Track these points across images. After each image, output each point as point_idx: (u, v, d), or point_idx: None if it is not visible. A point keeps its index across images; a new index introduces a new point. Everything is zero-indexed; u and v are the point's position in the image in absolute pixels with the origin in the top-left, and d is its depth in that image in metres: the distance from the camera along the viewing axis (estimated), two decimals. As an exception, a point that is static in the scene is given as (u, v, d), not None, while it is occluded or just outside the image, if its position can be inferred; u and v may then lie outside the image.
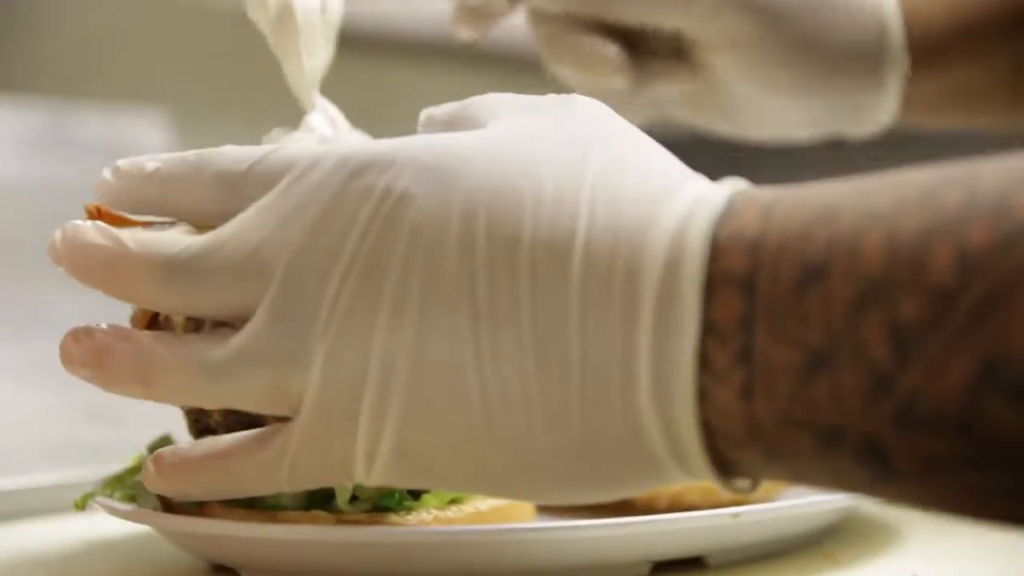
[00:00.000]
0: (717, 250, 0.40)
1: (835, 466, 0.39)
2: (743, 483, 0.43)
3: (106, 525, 0.62)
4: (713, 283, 0.40)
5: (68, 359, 0.49)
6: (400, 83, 1.72)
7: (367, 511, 0.55)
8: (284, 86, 0.60)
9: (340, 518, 0.54)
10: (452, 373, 0.43)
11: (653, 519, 0.54)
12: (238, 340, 0.46)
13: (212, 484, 0.50)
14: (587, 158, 0.44)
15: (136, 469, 0.60)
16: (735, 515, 0.55)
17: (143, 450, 0.60)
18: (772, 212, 0.40)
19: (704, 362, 0.40)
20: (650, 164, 0.44)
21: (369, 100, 1.45)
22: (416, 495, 0.56)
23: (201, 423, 0.57)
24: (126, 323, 0.59)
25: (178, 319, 0.56)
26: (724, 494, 0.63)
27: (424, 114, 0.50)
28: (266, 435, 0.48)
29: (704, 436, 0.41)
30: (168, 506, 0.57)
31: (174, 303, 0.48)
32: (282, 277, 0.45)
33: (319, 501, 0.55)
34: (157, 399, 0.49)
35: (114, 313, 0.63)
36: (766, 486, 0.65)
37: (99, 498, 0.58)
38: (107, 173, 0.50)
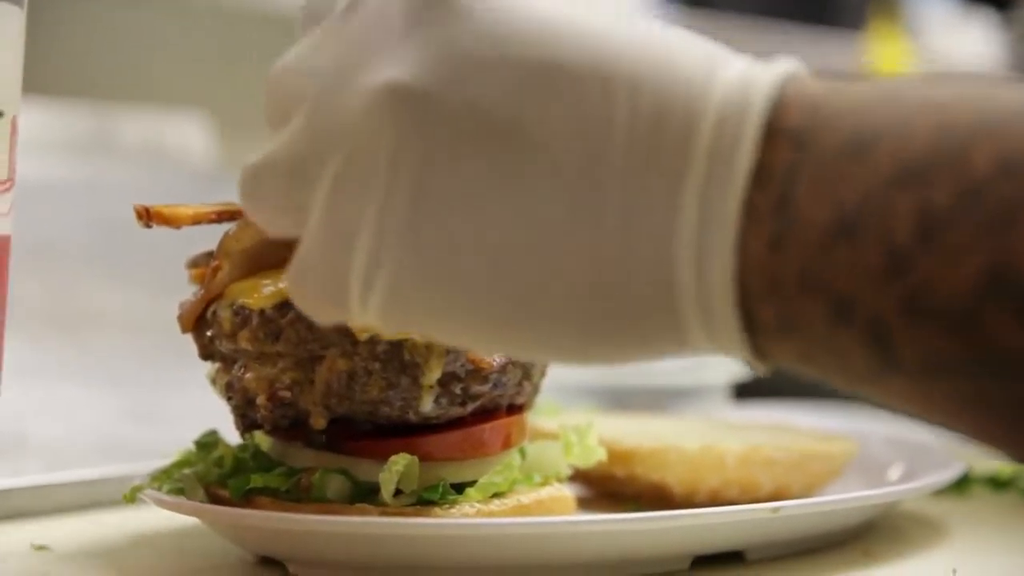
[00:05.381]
0: (781, 104, 0.41)
1: (843, 346, 0.39)
2: (755, 359, 0.42)
3: (154, 518, 0.63)
4: (771, 131, 0.40)
5: None
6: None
7: (411, 504, 0.56)
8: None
9: (384, 511, 0.55)
10: (467, 202, 0.42)
11: (695, 512, 0.55)
12: (270, 147, 0.46)
13: None
14: (625, 19, 0.43)
15: (183, 463, 0.61)
16: (775, 510, 0.55)
17: (190, 445, 0.61)
18: (838, 85, 0.41)
19: (746, 204, 0.40)
20: (685, 35, 0.43)
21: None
22: (459, 489, 0.56)
23: (248, 417, 0.58)
24: (174, 320, 0.60)
25: (225, 314, 0.57)
26: (763, 487, 0.64)
27: None
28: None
29: (732, 282, 0.40)
30: (215, 499, 0.58)
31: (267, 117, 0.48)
32: (315, 94, 0.45)
33: (364, 494, 0.56)
34: None
35: (162, 311, 0.64)
36: (805, 481, 0.66)
37: (148, 491, 0.59)
38: None
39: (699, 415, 0.84)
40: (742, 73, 0.41)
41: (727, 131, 0.40)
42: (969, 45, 2.65)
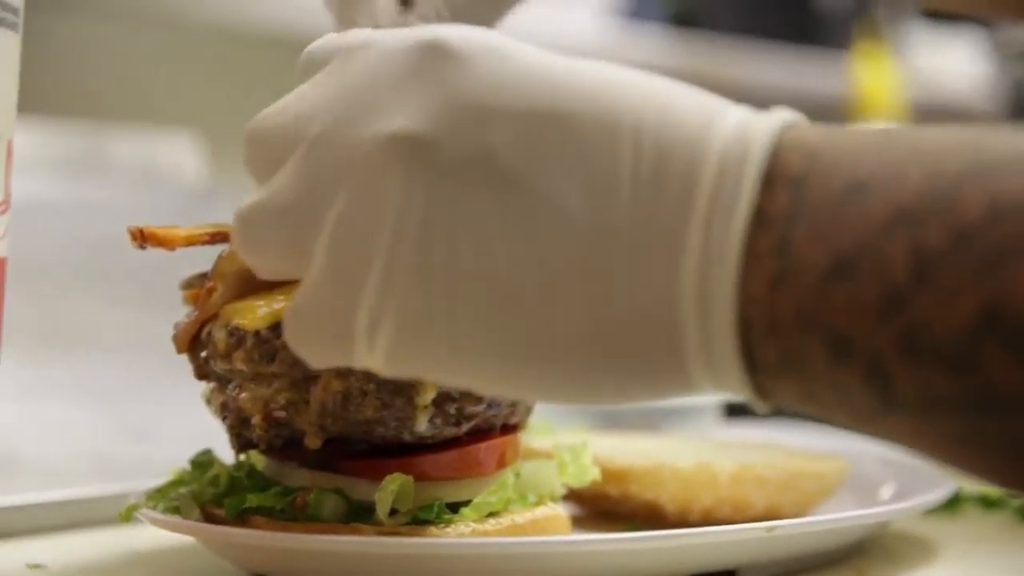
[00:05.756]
0: (780, 150, 0.41)
1: (842, 384, 0.40)
2: (757, 398, 0.43)
3: (149, 536, 0.63)
4: (770, 178, 0.41)
5: None
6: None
7: (406, 523, 0.56)
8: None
9: (379, 530, 0.55)
10: (475, 247, 0.43)
11: (689, 532, 0.55)
12: (263, 190, 0.47)
13: None
14: (621, 69, 0.44)
15: (178, 482, 0.61)
16: (769, 529, 0.56)
17: (185, 464, 0.61)
18: (834, 134, 0.42)
19: (747, 246, 0.41)
20: (681, 86, 0.44)
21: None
22: (455, 508, 0.57)
23: (243, 437, 0.58)
24: (168, 341, 0.60)
25: (220, 335, 0.57)
26: (754, 506, 0.64)
27: None
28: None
29: (734, 321, 0.41)
30: (210, 518, 0.58)
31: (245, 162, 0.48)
32: (313, 139, 0.45)
33: (359, 513, 0.56)
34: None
35: (155, 331, 0.64)
36: (797, 500, 0.66)
37: (143, 510, 0.59)
38: None
39: (691, 434, 0.84)
40: (740, 122, 0.42)
41: (728, 178, 0.41)
42: (955, 64, 2.66)
